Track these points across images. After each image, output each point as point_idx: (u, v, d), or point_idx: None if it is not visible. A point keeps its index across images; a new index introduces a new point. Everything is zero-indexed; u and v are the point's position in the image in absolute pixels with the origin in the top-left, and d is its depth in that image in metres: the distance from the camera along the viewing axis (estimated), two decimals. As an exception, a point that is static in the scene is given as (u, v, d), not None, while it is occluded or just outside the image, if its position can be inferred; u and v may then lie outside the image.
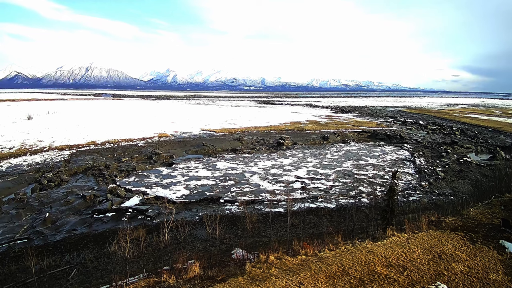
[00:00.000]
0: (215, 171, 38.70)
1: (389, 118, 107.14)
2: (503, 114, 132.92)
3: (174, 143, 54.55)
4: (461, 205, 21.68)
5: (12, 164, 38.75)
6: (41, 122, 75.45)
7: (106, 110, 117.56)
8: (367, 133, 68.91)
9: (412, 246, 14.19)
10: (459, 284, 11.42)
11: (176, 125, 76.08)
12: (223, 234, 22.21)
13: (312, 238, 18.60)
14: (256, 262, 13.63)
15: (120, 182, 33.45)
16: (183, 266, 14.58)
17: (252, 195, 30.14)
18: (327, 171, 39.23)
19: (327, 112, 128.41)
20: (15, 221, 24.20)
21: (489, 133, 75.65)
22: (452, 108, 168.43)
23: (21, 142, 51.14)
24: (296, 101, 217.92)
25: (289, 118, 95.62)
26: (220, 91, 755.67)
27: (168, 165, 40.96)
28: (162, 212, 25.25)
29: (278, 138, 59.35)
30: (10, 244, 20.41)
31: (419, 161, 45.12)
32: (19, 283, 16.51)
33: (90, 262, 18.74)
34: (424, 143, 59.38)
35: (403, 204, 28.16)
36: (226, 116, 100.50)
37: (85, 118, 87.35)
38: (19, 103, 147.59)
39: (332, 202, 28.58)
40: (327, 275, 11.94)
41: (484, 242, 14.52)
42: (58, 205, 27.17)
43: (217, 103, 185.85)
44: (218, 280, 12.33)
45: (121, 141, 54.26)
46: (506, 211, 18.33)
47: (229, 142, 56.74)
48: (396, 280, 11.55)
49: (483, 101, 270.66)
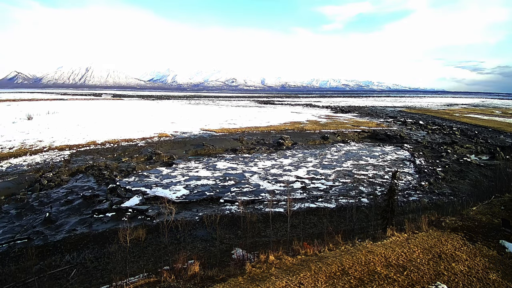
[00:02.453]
0: (215, 171, 38.69)
1: (389, 118, 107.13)
2: (503, 114, 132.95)
3: (174, 143, 54.54)
4: (461, 205, 21.70)
5: (12, 164, 38.74)
6: (41, 122, 75.44)
7: (106, 110, 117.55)
8: (367, 133, 68.91)
9: (412, 246, 14.19)
10: (459, 284, 11.42)
11: (176, 125, 76.07)
12: (223, 234, 22.23)
13: (312, 238, 18.62)
14: (256, 262, 13.63)
15: (120, 182, 33.44)
16: (183, 266, 14.57)
17: (252, 195, 30.14)
18: (327, 171, 39.23)
19: (327, 112, 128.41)
20: (15, 221, 24.20)
21: (489, 133, 75.65)
22: (452, 108, 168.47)
23: (21, 142, 51.14)
24: (296, 101, 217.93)
25: (289, 118, 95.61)
26: (220, 91, 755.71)
27: (168, 165, 40.95)
28: (162, 212, 25.24)
29: (278, 138, 59.35)
30: (10, 244, 20.40)
31: (419, 161, 45.12)
32: (19, 283, 16.51)
33: (90, 262, 18.74)
34: (424, 143, 59.38)
35: (403, 204, 28.17)
36: (226, 116, 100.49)
37: (85, 118, 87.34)
38: (19, 103, 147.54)
39: (332, 202, 28.58)
40: (327, 275, 11.94)
41: (484, 242, 14.52)
42: (58, 205, 27.16)
43: (217, 103, 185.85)
44: (218, 280, 12.33)
45: (121, 141, 54.25)
46: (506, 211, 18.33)
47: (229, 142, 56.73)
48: (396, 280, 11.55)
49: (483, 101, 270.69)
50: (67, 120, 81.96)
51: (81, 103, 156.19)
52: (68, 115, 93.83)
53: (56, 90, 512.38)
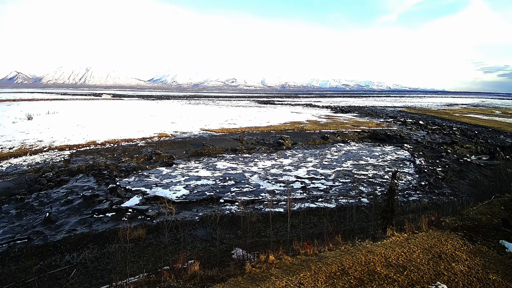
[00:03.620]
0: (215, 171, 38.69)
1: (389, 118, 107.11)
2: (503, 114, 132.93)
3: (174, 143, 54.54)
4: (461, 205, 21.69)
5: (12, 164, 38.74)
6: (41, 122, 75.43)
7: (106, 110, 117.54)
8: (367, 133, 68.91)
9: (412, 246, 14.19)
10: (459, 284, 11.42)
11: (176, 125, 76.07)
12: (223, 234, 22.23)
13: (312, 238, 18.62)
14: (256, 262, 13.63)
15: (120, 182, 33.45)
16: (183, 266, 14.58)
17: (252, 195, 30.14)
18: (327, 171, 39.24)
19: (327, 112, 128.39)
20: (15, 221, 24.20)
21: (489, 133, 75.65)
22: (452, 108, 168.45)
23: (21, 142, 51.14)
24: (296, 101, 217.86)
25: (289, 118, 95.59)
26: (220, 91, 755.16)
27: (168, 165, 40.95)
28: (162, 212, 25.26)
29: (278, 138, 59.35)
30: (10, 244, 20.40)
31: (419, 161, 45.13)
32: (19, 283, 16.51)
33: (90, 262, 18.74)
34: (424, 143, 59.38)
35: (403, 204, 28.17)
36: (226, 116, 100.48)
37: (85, 118, 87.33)
38: (19, 103, 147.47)
39: (332, 202, 28.59)
40: (327, 275, 11.95)
41: (484, 242, 14.53)
42: (58, 205, 27.16)
43: (217, 103, 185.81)
44: (218, 280, 12.34)
45: (121, 141, 54.25)
46: (506, 211, 18.34)
47: (229, 142, 56.74)
48: (396, 280, 11.55)
49: (483, 101, 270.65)
50: (67, 120, 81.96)
51: (81, 103, 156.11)
52: (68, 115, 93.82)
53: (56, 90, 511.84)
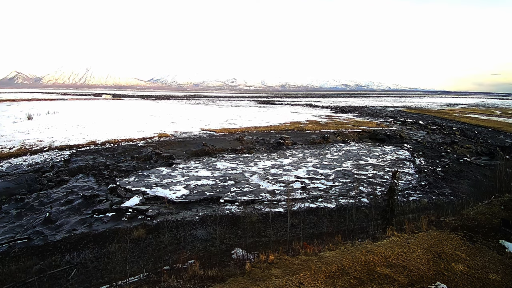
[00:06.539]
0: (215, 171, 38.70)
1: (389, 118, 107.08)
2: (503, 114, 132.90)
3: (174, 143, 54.54)
4: (461, 205, 21.69)
5: (12, 164, 38.74)
6: (41, 122, 75.40)
7: (106, 110, 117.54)
8: (367, 133, 68.88)
9: (412, 246, 14.20)
10: (459, 284, 11.43)
11: (176, 125, 76.05)
12: (223, 234, 22.24)
13: (312, 238, 18.65)
14: (256, 262, 13.64)
15: (120, 182, 33.45)
16: (183, 266, 14.60)
17: (252, 195, 30.14)
18: (327, 171, 39.24)
19: (327, 112, 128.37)
20: (15, 221, 24.20)
21: (489, 133, 75.65)
22: (452, 108, 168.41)
23: (21, 142, 51.12)
24: (296, 101, 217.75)
25: (289, 118, 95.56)
26: (220, 91, 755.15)
27: (168, 165, 40.96)
28: (162, 212, 25.26)
29: (278, 138, 59.35)
30: (10, 244, 20.41)
31: (419, 161, 45.13)
32: (19, 283, 16.52)
33: (90, 262, 18.75)
34: (424, 143, 59.39)
35: (403, 204, 28.17)
36: (226, 116, 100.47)
37: (85, 118, 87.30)
38: (19, 103, 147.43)
39: (332, 202, 28.58)
40: (327, 275, 11.96)
41: (484, 242, 14.53)
42: (58, 205, 27.15)
43: (217, 103, 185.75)
44: (218, 280, 12.35)
45: (121, 141, 54.24)
46: (506, 211, 18.33)
47: (229, 142, 56.74)
48: (396, 280, 11.56)
49: (483, 101, 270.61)
50: (67, 120, 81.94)
51: (81, 103, 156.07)
52: (68, 115, 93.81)
53: (56, 90, 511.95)
